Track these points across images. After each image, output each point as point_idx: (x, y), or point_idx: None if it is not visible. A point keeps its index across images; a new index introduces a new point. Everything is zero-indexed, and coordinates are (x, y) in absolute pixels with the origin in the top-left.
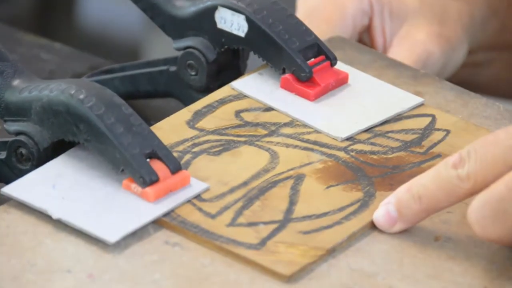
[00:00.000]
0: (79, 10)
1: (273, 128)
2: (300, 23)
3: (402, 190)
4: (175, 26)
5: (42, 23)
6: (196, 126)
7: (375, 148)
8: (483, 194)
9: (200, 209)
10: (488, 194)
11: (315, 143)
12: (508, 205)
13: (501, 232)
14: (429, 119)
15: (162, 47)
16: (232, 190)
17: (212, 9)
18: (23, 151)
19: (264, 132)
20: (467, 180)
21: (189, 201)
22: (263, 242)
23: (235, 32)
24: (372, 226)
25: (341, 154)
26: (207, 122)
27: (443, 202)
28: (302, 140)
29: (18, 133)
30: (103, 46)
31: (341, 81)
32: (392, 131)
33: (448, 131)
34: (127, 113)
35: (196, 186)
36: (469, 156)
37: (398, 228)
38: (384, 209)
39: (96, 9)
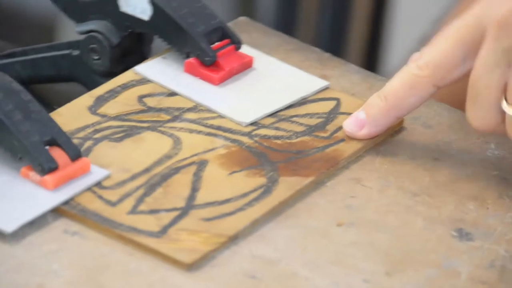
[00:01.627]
0: None
1: (176, 113)
2: (205, 6)
3: (373, 95)
4: (77, 9)
5: None
6: (97, 111)
7: (279, 133)
8: None
9: (100, 197)
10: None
11: (219, 128)
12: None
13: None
14: (334, 102)
15: (72, 30)
16: (133, 177)
17: None
18: None
19: (168, 117)
20: (426, 68)
21: (89, 189)
22: (164, 230)
23: (138, 15)
24: (276, 212)
25: (245, 139)
26: (109, 108)
27: (407, 97)
28: (206, 126)
29: None
30: (10, 29)
31: (246, 65)
32: (296, 116)
33: None
34: (26, 99)
35: (96, 174)
36: (427, 49)
37: (367, 131)
38: (354, 115)
39: None
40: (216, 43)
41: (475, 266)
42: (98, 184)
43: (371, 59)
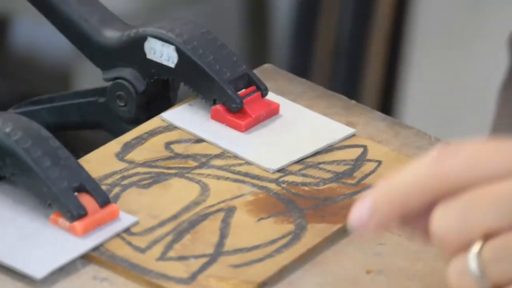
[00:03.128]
0: (7, 37)
1: (203, 159)
2: (231, 53)
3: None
4: (104, 57)
5: None
6: (125, 158)
7: (307, 180)
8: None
9: (129, 243)
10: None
11: (246, 174)
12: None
13: None
14: (360, 149)
15: (92, 76)
16: (162, 224)
17: (142, 40)
18: None
19: (195, 164)
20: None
21: (118, 235)
22: (193, 277)
23: (164, 62)
24: (304, 259)
25: (273, 185)
26: (137, 154)
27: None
28: (233, 172)
29: None
30: (32, 75)
31: (272, 111)
32: (323, 162)
33: (379, 162)
34: (54, 146)
35: (125, 220)
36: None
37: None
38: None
39: (25, 35)
40: (242, 90)
41: None
42: (127, 230)
43: (387, 102)
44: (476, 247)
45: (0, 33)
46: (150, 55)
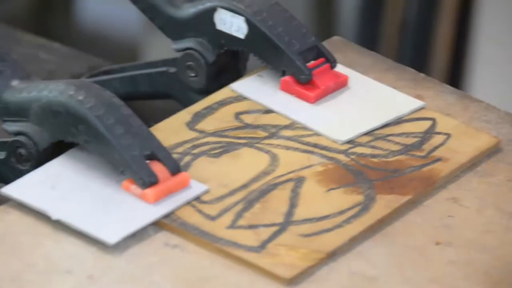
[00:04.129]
0: (78, 10)
1: (273, 130)
2: (300, 25)
3: None
4: (174, 28)
5: (41, 22)
6: (195, 127)
7: (376, 151)
8: None
9: (200, 211)
10: None
11: (315, 145)
12: None
13: None
14: (429, 122)
15: (161, 47)
16: (232, 193)
17: (212, 11)
18: (23, 151)
19: (264, 134)
20: None
21: (189, 203)
22: (263, 245)
23: (234, 34)
24: (373, 230)
25: (342, 157)
26: (207, 124)
27: None
28: (302, 143)
29: (17, 134)
30: (102, 46)
31: (341, 84)
32: (392, 135)
33: (448, 135)
34: (126, 114)
35: (195, 188)
36: None
37: None
38: None
39: (95, 8)
40: (311, 62)
41: None
42: (198, 198)
43: (455, 76)
44: None
45: (71, 6)
46: (220, 26)
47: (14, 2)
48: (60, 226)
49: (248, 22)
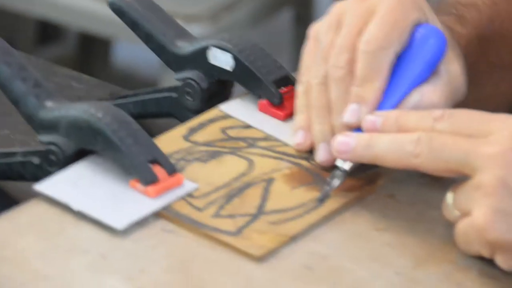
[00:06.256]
0: (113, 52)
1: (251, 141)
2: (275, 60)
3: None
4: (176, 62)
5: (83, 62)
6: (190, 139)
7: None
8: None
9: (190, 204)
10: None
11: (284, 153)
12: None
13: None
14: None
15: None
16: (216, 190)
17: (206, 49)
18: (53, 157)
19: (244, 145)
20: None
21: (182, 197)
22: (239, 230)
23: (224, 67)
24: (327, 219)
25: (304, 162)
26: (199, 136)
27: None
28: (274, 151)
29: (49, 143)
30: (128, 79)
31: None
32: None
33: None
34: (135, 128)
35: (188, 186)
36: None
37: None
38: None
39: (124, 55)
40: (283, 88)
41: (485, 263)
42: (189, 194)
43: None
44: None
45: (108, 49)
46: (212, 61)
47: (62, 46)
48: (80, 215)
49: (235, 58)
